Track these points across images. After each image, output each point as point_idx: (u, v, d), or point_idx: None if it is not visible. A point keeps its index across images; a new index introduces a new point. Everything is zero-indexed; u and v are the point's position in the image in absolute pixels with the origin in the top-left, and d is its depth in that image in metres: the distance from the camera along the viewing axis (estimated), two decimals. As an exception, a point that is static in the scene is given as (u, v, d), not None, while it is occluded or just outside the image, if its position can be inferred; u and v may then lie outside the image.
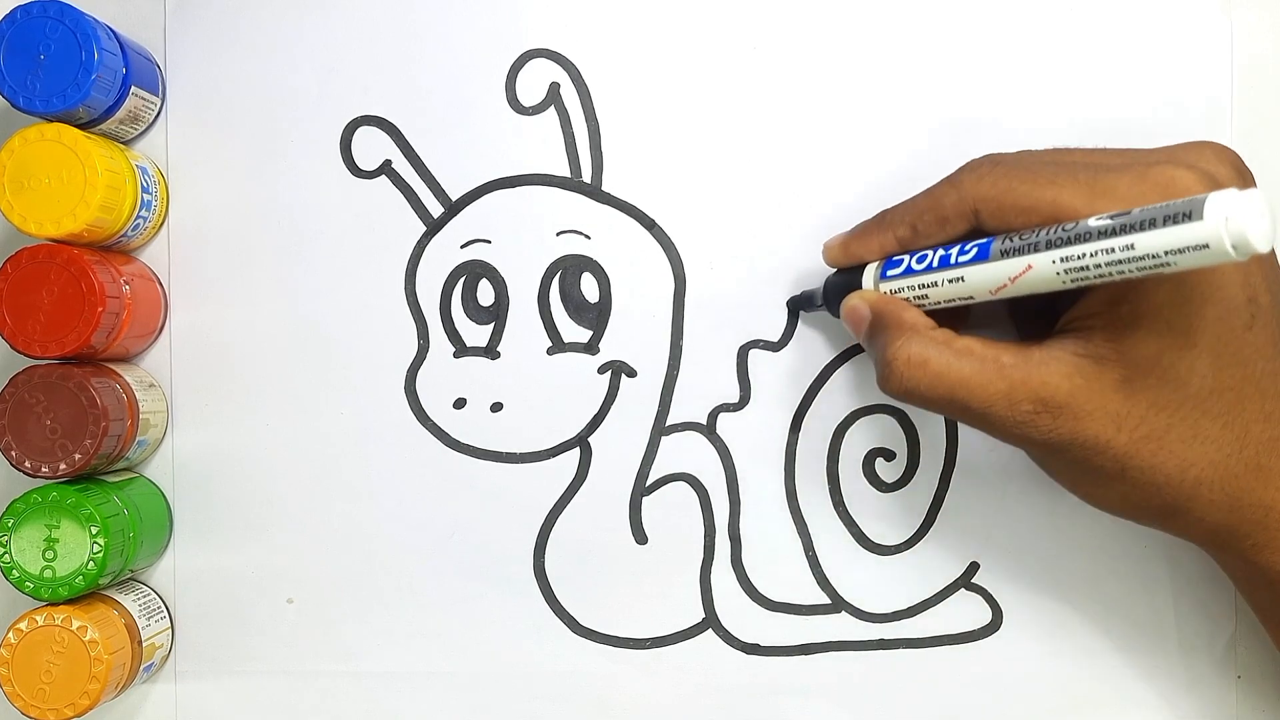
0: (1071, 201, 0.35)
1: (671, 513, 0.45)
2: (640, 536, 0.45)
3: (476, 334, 0.45)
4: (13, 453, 0.41)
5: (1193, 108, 0.44)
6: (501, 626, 0.45)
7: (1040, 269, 0.34)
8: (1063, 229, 0.34)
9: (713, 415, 0.45)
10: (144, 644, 0.43)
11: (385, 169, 0.45)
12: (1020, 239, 0.35)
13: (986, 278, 0.36)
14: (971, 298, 0.37)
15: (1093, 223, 0.33)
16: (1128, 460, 0.36)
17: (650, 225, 0.45)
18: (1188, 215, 0.30)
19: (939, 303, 0.38)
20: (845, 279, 0.41)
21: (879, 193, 0.44)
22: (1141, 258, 0.32)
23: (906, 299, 0.39)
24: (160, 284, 0.45)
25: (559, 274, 0.45)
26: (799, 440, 0.45)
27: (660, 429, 0.45)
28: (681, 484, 0.45)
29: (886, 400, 0.44)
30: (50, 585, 0.41)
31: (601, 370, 0.45)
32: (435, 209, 0.45)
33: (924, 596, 0.44)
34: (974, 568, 0.44)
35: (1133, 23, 0.44)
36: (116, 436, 0.42)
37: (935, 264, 0.38)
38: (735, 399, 0.45)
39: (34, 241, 0.41)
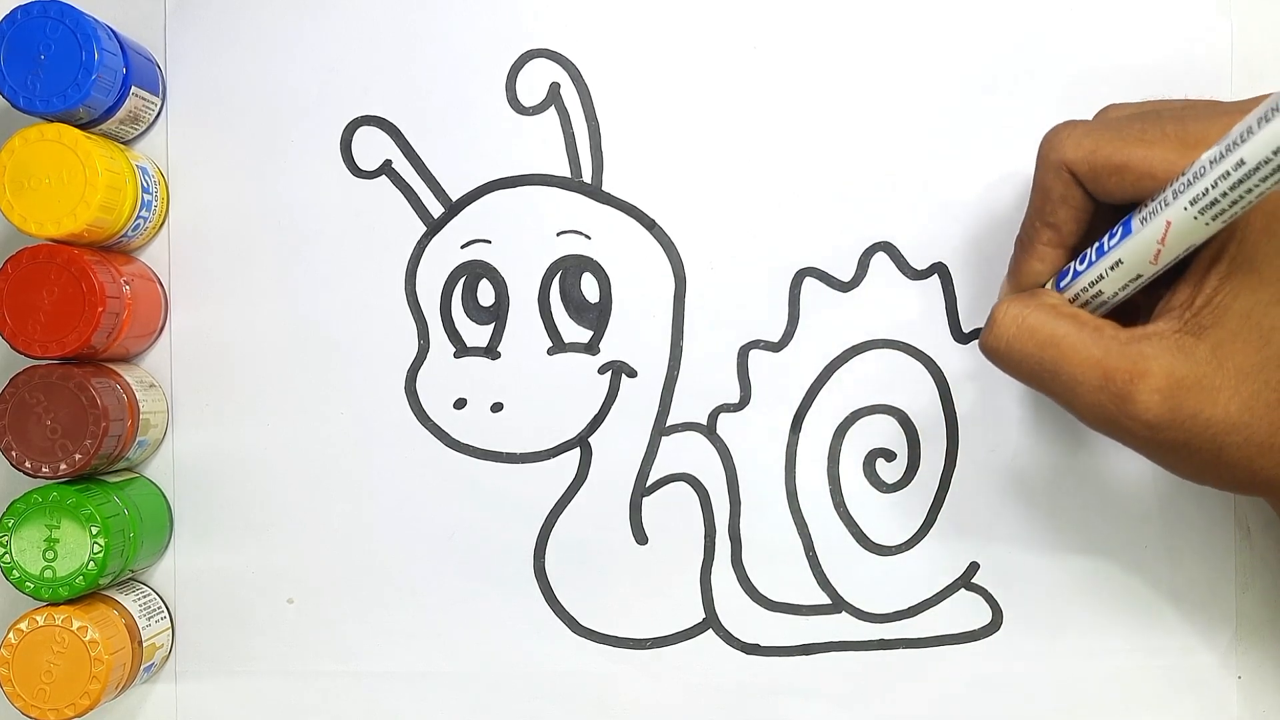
0: (1165, 155, 0.35)
1: (672, 513, 0.45)
2: (640, 536, 0.45)
3: (477, 334, 0.45)
4: (13, 453, 0.41)
5: (1193, 108, 0.44)
6: (501, 626, 0.45)
7: (1179, 221, 0.34)
8: (1183, 176, 0.34)
9: (713, 415, 0.45)
10: (144, 644, 0.43)
11: (385, 169, 0.45)
12: (1153, 201, 0.35)
13: (1139, 249, 0.36)
14: (1139, 275, 0.36)
15: (1204, 156, 0.33)
16: (1226, 435, 0.34)
17: (650, 225, 0.45)
18: (1277, 109, 0.31)
19: (1116, 294, 0.37)
20: None
21: (879, 192, 0.44)
22: (1255, 168, 0.32)
23: (1086, 303, 0.38)
24: (160, 284, 0.45)
25: (559, 274, 0.45)
26: (799, 440, 0.45)
27: (660, 429, 0.45)
28: (682, 484, 0.45)
29: (887, 400, 0.44)
30: (50, 585, 0.41)
31: (602, 370, 0.45)
32: (435, 209, 0.45)
33: (924, 596, 0.44)
34: (974, 568, 0.44)
35: (1133, 23, 0.44)
36: (116, 436, 0.42)
37: (1094, 257, 0.37)
38: (735, 399, 0.45)
39: (34, 241, 0.41)
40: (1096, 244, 0.38)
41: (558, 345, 0.45)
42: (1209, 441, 0.35)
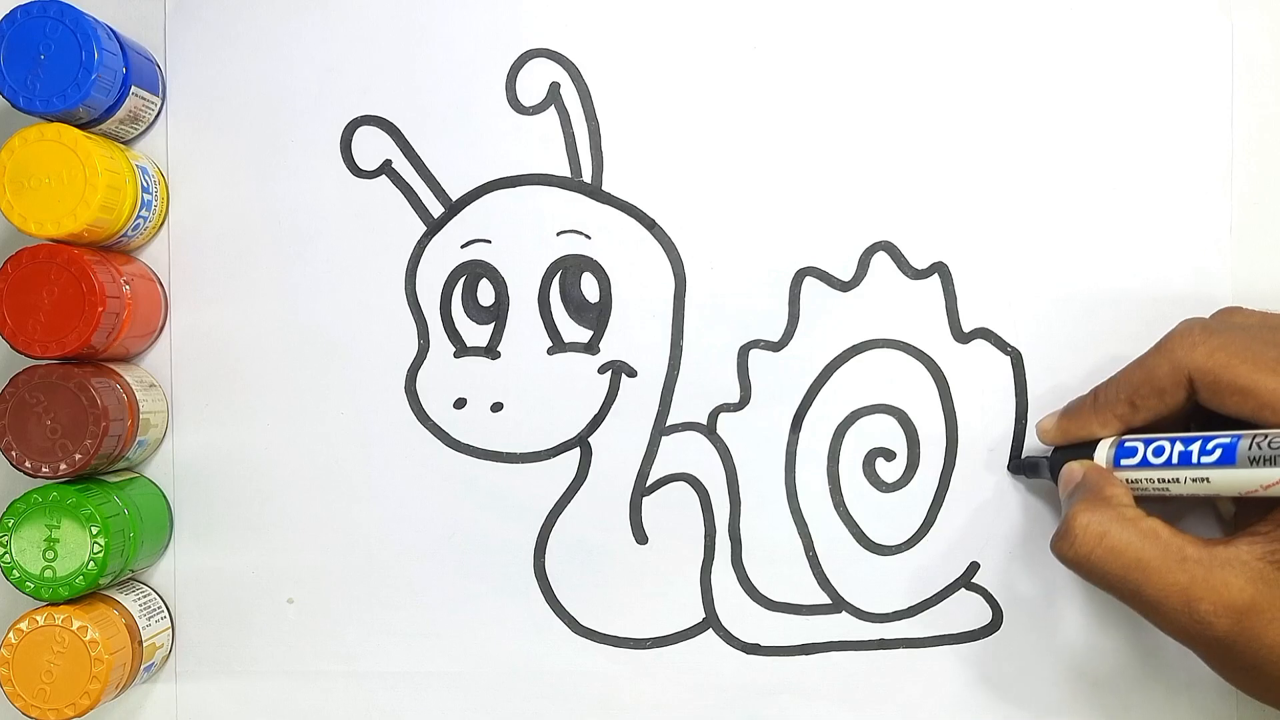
0: None
1: (672, 513, 0.45)
2: (640, 536, 0.45)
3: (477, 334, 0.45)
4: (13, 453, 0.41)
5: (1193, 108, 0.44)
6: (501, 626, 0.45)
7: None
8: None
9: (713, 415, 0.45)
10: (144, 644, 0.43)
11: (385, 169, 0.45)
12: (1270, 446, 0.35)
13: (1235, 482, 0.36)
14: (1219, 495, 0.37)
15: None
16: None
17: (650, 225, 0.45)
18: None
19: (1183, 495, 0.38)
20: (1074, 454, 0.41)
21: (879, 192, 0.44)
22: None
23: (1145, 490, 0.38)
24: (160, 284, 0.45)
25: (559, 274, 0.45)
26: (799, 440, 0.45)
27: (660, 429, 0.45)
28: (682, 484, 0.45)
29: (887, 400, 0.44)
30: (50, 585, 0.41)
31: (602, 370, 0.45)
32: (435, 209, 0.45)
33: (924, 596, 0.44)
34: (974, 568, 0.44)
35: (1133, 23, 0.44)
36: (117, 436, 0.42)
37: (1175, 459, 0.37)
38: (735, 399, 0.45)
39: (34, 241, 0.41)
40: (1178, 443, 0.37)
41: (558, 345, 0.45)
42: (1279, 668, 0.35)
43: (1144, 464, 0.38)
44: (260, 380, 0.45)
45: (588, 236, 0.45)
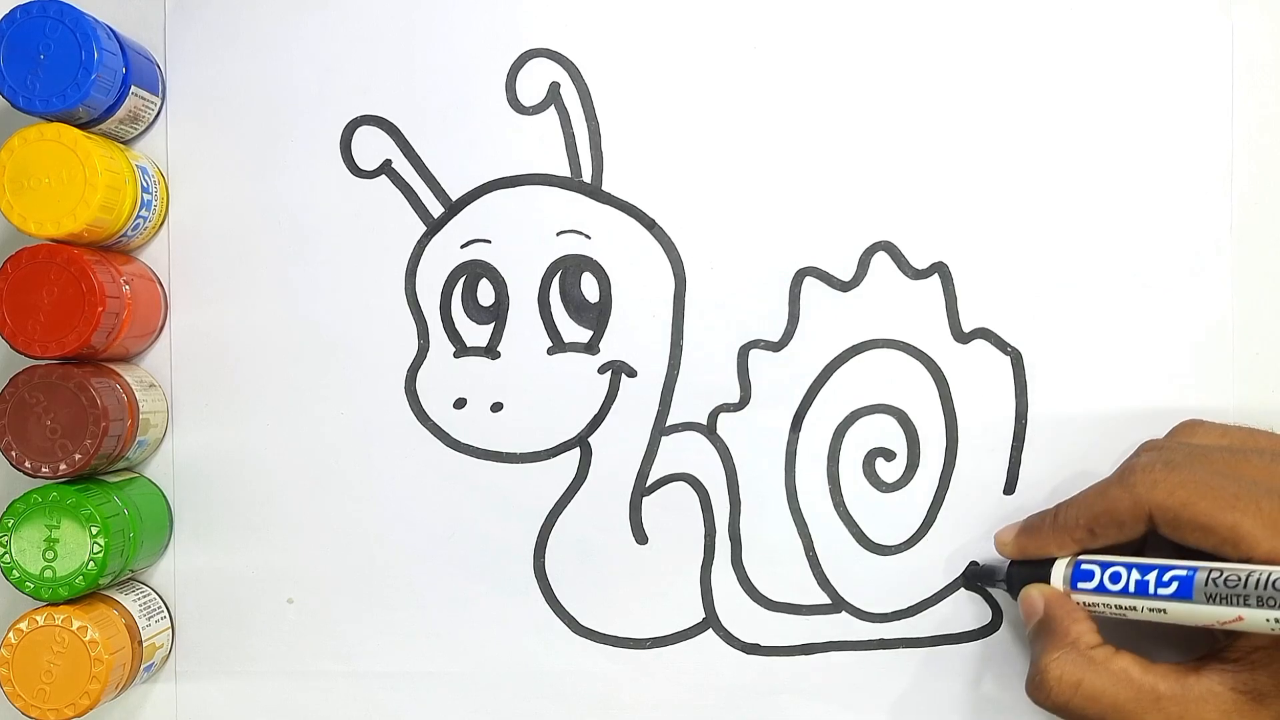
0: (1253, 532, 0.35)
1: (671, 513, 0.45)
2: (640, 536, 0.45)
3: (476, 334, 0.45)
4: (13, 453, 0.41)
5: (1193, 108, 0.44)
6: (501, 626, 0.45)
7: (1252, 621, 0.35)
8: (1275, 585, 0.34)
9: (713, 415, 0.45)
10: (144, 644, 0.43)
11: (385, 169, 0.45)
12: (1227, 586, 0.35)
13: (1193, 616, 0.36)
14: (1178, 624, 0.37)
15: None
16: None
17: (650, 225, 0.45)
18: None
19: (1139, 622, 0.38)
20: (1031, 570, 0.41)
21: (879, 192, 0.44)
22: None
23: (1101, 613, 0.39)
24: (160, 284, 0.45)
25: (559, 274, 0.45)
26: (799, 440, 0.45)
27: (660, 429, 0.45)
28: (682, 484, 0.45)
29: (887, 400, 0.44)
30: (50, 585, 0.41)
31: (602, 370, 0.45)
32: (435, 209, 0.45)
33: (924, 596, 0.44)
34: (974, 567, 0.44)
35: (1133, 23, 0.44)
36: (116, 436, 0.42)
37: (1132, 588, 0.38)
38: (735, 399, 0.45)
39: (34, 241, 0.41)
40: (1134, 571, 0.38)
41: (558, 345, 0.45)
42: None
43: (1100, 589, 0.39)
44: (260, 380, 0.45)
45: (588, 236, 0.45)
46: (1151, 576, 0.37)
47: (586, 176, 0.45)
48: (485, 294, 0.45)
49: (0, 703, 0.41)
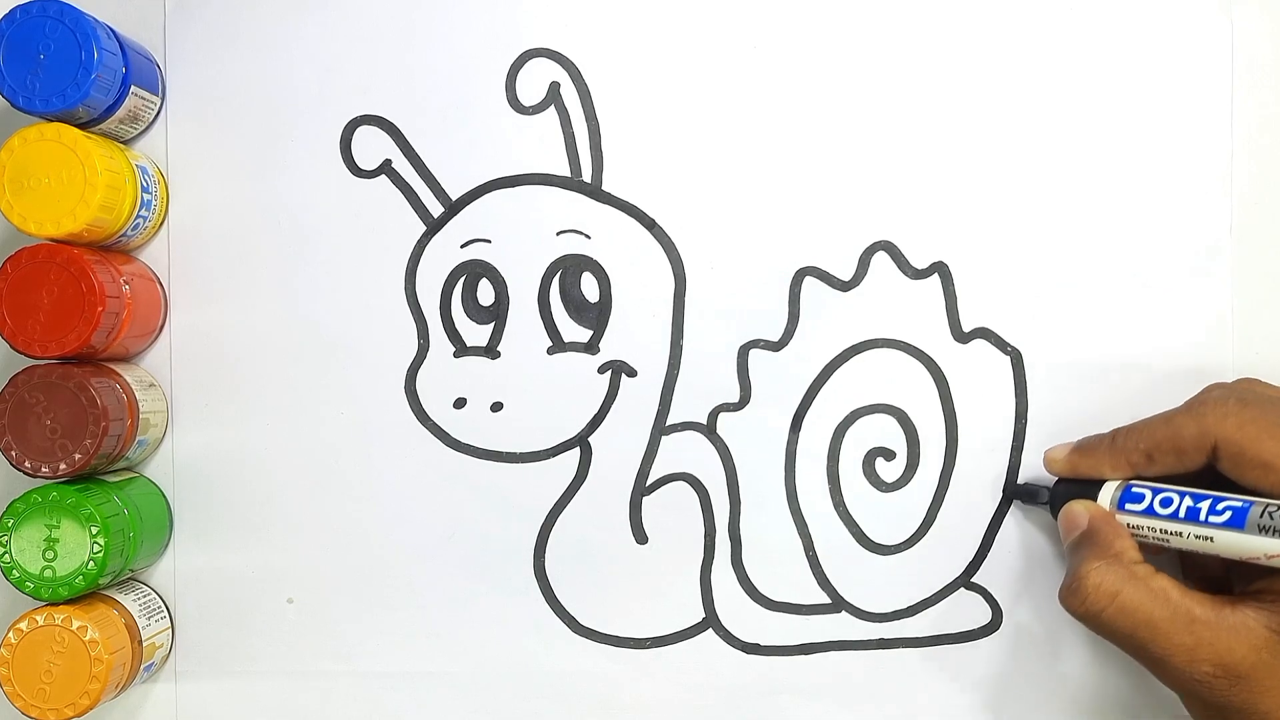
0: None
1: (671, 513, 0.45)
2: (640, 536, 0.45)
3: (476, 334, 0.45)
4: (13, 453, 0.41)
5: (1193, 108, 0.44)
6: (501, 626, 0.45)
7: None
8: None
9: (713, 415, 0.45)
10: (144, 644, 0.43)
11: (385, 169, 0.45)
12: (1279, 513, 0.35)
13: (1240, 547, 0.36)
14: (1218, 555, 0.37)
15: None
16: None
17: (650, 225, 0.45)
18: None
19: (1178, 550, 0.38)
20: (1078, 489, 0.41)
21: (879, 192, 0.44)
22: None
23: (1144, 537, 0.39)
24: (160, 284, 0.45)
25: (559, 274, 0.45)
26: (799, 440, 0.45)
27: (660, 429, 0.45)
28: (681, 484, 0.45)
29: (887, 400, 0.44)
30: (50, 585, 0.41)
31: (601, 370, 0.45)
32: (435, 209, 0.45)
33: (924, 596, 0.44)
34: (974, 567, 0.44)
35: (1133, 23, 0.44)
36: (116, 436, 0.42)
37: (1182, 514, 0.38)
38: (735, 399, 0.45)
39: (34, 241, 0.41)
40: (1186, 498, 0.38)
41: (558, 345, 0.45)
42: None
43: (1149, 512, 0.39)
44: (260, 380, 0.45)
45: (588, 236, 0.45)
46: (1204, 504, 0.37)
47: (586, 176, 0.45)
48: (485, 294, 0.45)
49: (0, 703, 0.41)
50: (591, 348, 0.45)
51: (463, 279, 0.45)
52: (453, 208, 0.45)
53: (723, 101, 0.44)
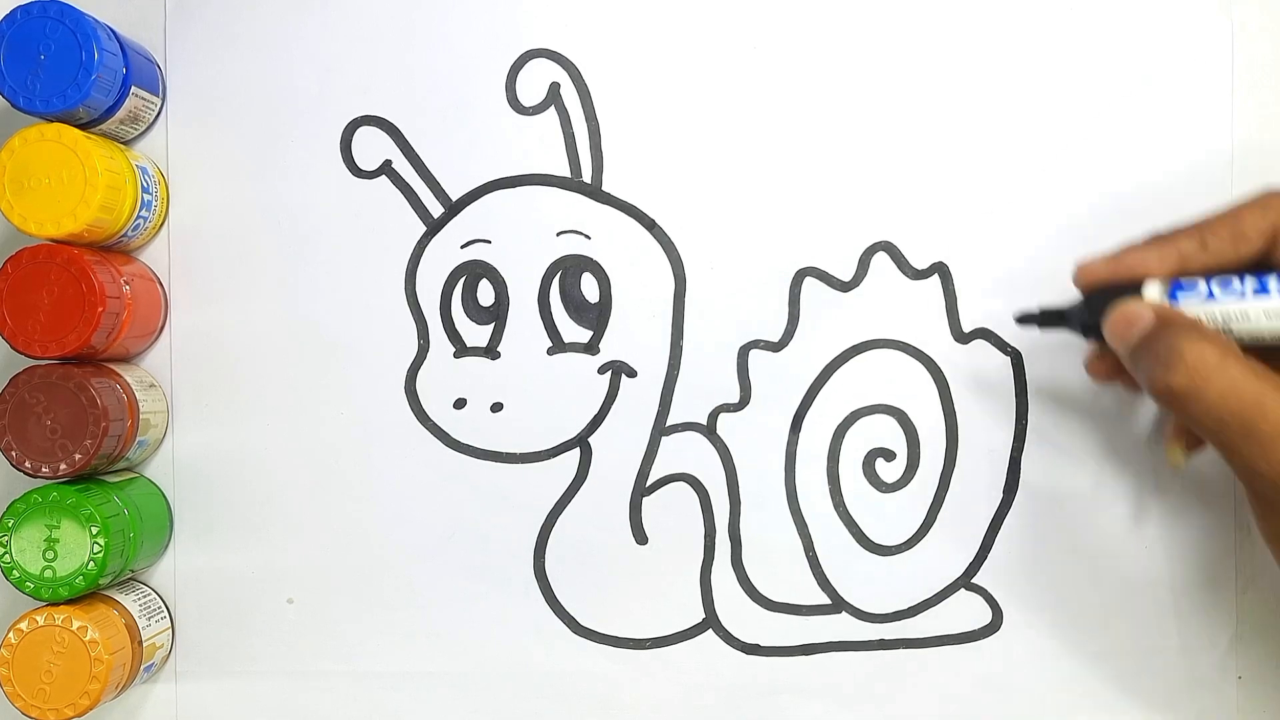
0: None
1: (671, 513, 0.45)
2: (640, 536, 0.45)
3: (476, 334, 0.45)
4: (13, 453, 0.41)
5: (1193, 108, 0.44)
6: (501, 626, 0.45)
7: None
8: None
9: (713, 415, 0.45)
10: (144, 644, 0.43)
11: (385, 169, 0.45)
12: None
13: None
14: None
15: None
16: None
17: (650, 225, 0.45)
18: None
19: (1240, 338, 0.35)
20: (1110, 298, 0.38)
21: (879, 192, 0.44)
22: None
23: None
24: (160, 284, 0.45)
25: (559, 274, 0.45)
26: (799, 440, 0.45)
27: (660, 429, 0.45)
28: (681, 484, 0.45)
29: (887, 400, 0.44)
30: (50, 585, 0.41)
31: (602, 370, 0.45)
32: (435, 209, 0.45)
33: (924, 596, 0.44)
34: (974, 568, 0.44)
35: (1133, 23, 0.44)
36: (116, 436, 0.42)
37: (1248, 292, 0.35)
38: (735, 399, 0.45)
39: (34, 241, 0.41)
40: (1249, 278, 0.36)
41: (558, 345, 0.45)
42: None
43: (1209, 298, 0.36)
44: (260, 380, 0.45)
45: (588, 236, 0.45)
46: (1271, 278, 0.35)
47: (586, 177, 0.45)
48: (485, 294, 0.45)
49: (0, 703, 0.41)
50: (591, 348, 0.45)
51: (463, 279, 0.45)
52: (453, 208, 0.45)
53: (723, 102, 0.44)
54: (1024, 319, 0.41)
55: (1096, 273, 0.39)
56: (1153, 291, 0.37)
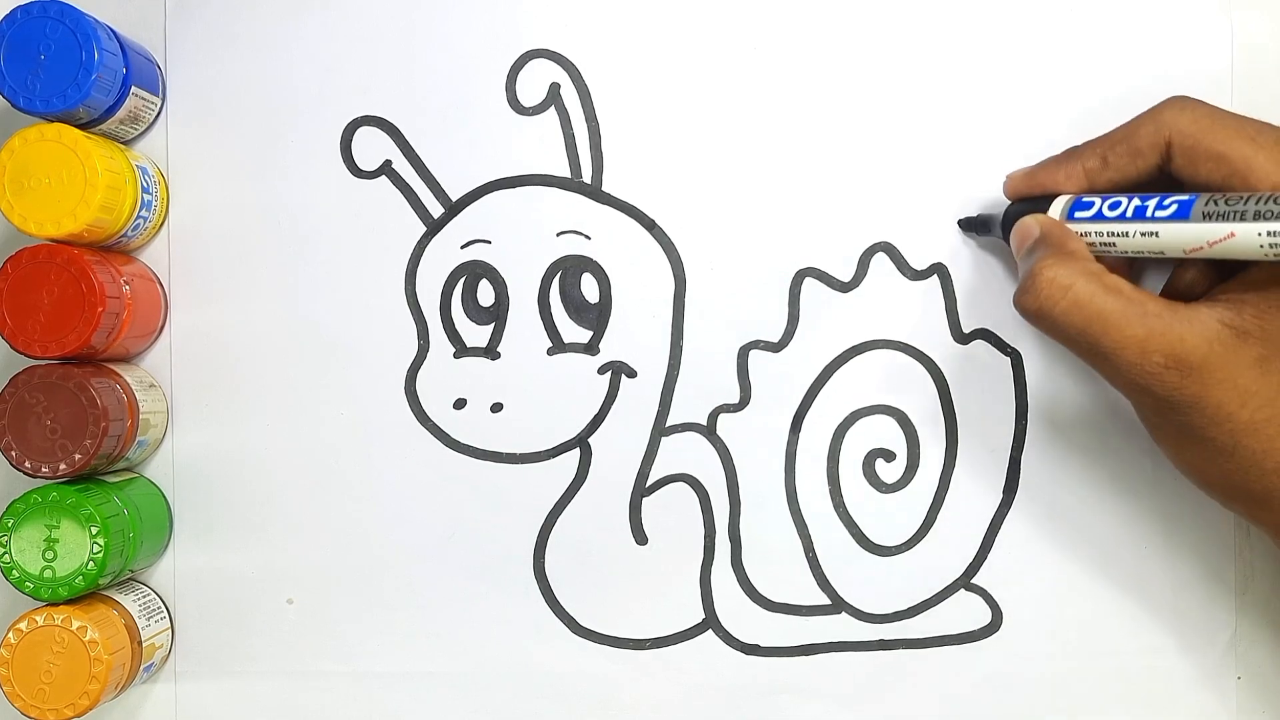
0: (1264, 165, 0.35)
1: (671, 513, 0.45)
2: (640, 537, 0.45)
3: (476, 334, 0.45)
4: (13, 453, 0.41)
5: (1193, 108, 0.44)
6: (501, 626, 0.45)
7: (1244, 238, 0.34)
8: (1275, 200, 0.34)
9: (713, 415, 0.45)
10: (144, 644, 0.43)
11: (385, 169, 0.45)
12: (1226, 204, 0.35)
13: (1183, 237, 0.36)
14: (1161, 253, 0.37)
15: None
16: (1242, 437, 0.36)
17: (650, 225, 0.45)
18: None
19: (1125, 253, 0.38)
20: (1028, 208, 0.41)
21: (879, 192, 0.44)
22: None
23: (1092, 243, 0.38)
24: (160, 284, 0.45)
25: (559, 274, 0.45)
26: (799, 440, 0.45)
27: (660, 429, 0.45)
28: (681, 484, 0.45)
29: (887, 400, 0.44)
30: (50, 585, 0.41)
31: (601, 370, 0.45)
32: (435, 209, 0.45)
33: (924, 596, 0.44)
34: (974, 568, 0.44)
35: (1133, 22, 0.44)
36: (116, 436, 0.42)
37: (1130, 214, 0.37)
38: (735, 399, 0.45)
39: (34, 241, 0.41)
40: (1134, 199, 0.37)
41: (558, 345, 0.45)
42: (1226, 436, 0.36)
43: (1098, 217, 0.38)
44: (260, 380, 0.45)
45: (588, 237, 0.45)
46: (1151, 202, 0.37)
47: (586, 177, 0.45)
48: (485, 294, 0.45)
49: (0, 703, 0.41)
50: (591, 348, 0.45)
51: (463, 280, 0.45)
52: (453, 208, 0.45)
53: (723, 102, 0.44)
54: (963, 223, 0.44)
55: (1014, 184, 0.42)
56: (1057, 208, 0.40)
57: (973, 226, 0.43)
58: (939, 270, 0.44)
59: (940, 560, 0.44)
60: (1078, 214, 0.39)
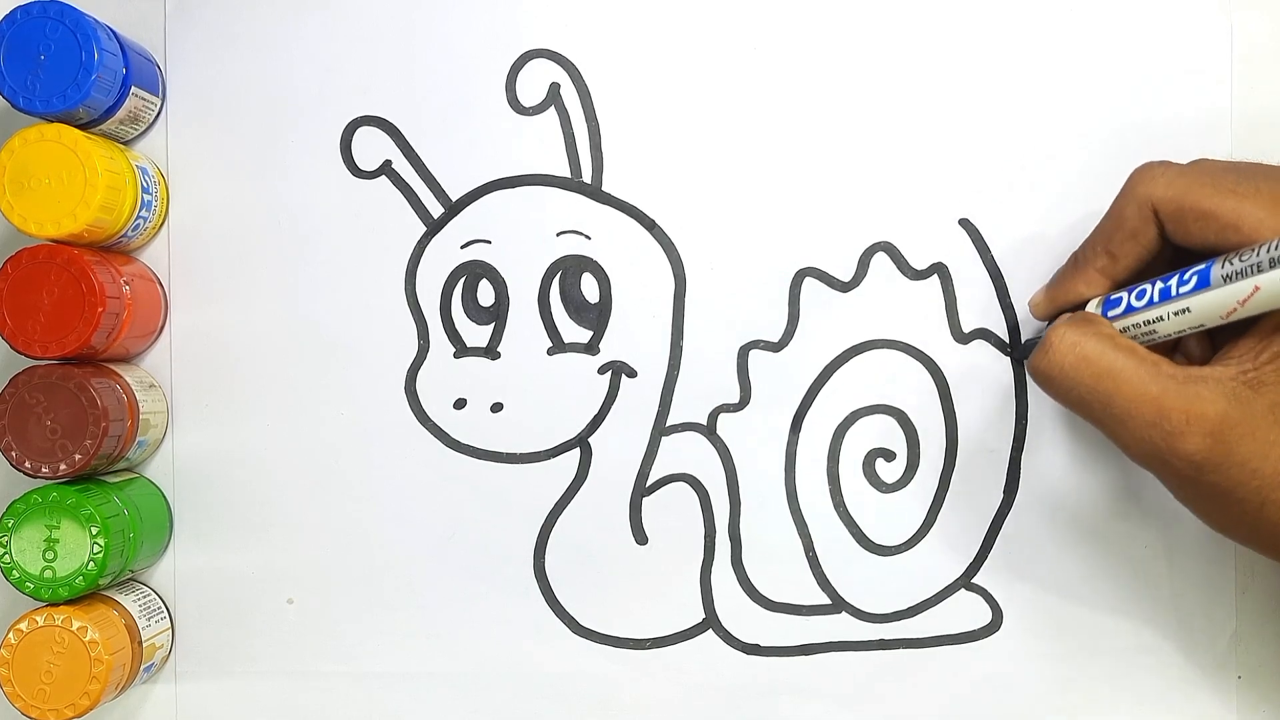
0: (1254, 213, 0.35)
1: (671, 513, 0.45)
2: (640, 536, 0.45)
3: (476, 334, 0.45)
4: (13, 453, 0.41)
5: (1193, 108, 0.44)
6: (501, 626, 0.45)
7: (1269, 288, 0.34)
8: None
9: (713, 415, 0.45)
10: (144, 644, 0.43)
11: (385, 169, 0.45)
12: (1240, 260, 0.35)
13: (1214, 304, 0.36)
14: (1202, 325, 0.37)
15: None
16: (1270, 492, 0.35)
17: (650, 225, 0.45)
18: None
19: (1168, 336, 0.38)
20: None
21: (879, 192, 0.44)
22: None
23: (1134, 337, 0.38)
24: (160, 284, 0.45)
25: (559, 274, 0.45)
26: (799, 440, 0.45)
27: (660, 429, 0.45)
28: (681, 484, 0.45)
29: (887, 400, 0.44)
30: (50, 585, 0.41)
31: (602, 370, 0.45)
32: (435, 209, 0.45)
33: (924, 596, 0.44)
34: (974, 568, 0.44)
35: (1133, 23, 0.44)
36: (116, 437, 0.42)
37: (1156, 298, 0.37)
38: (735, 399, 0.45)
39: (34, 241, 0.41)
40: (1158, 282, 0.38)
41: (558, 345, 0.45)
42: (1253, 494, 0.35)
43: (1129, 310, 0.38)
44: (260, 380, 0.45)
45: (588, 237, 0.45)
46: (1173, 281, 0.37)
47: (586, 177, 0.45)
48: (485, 294, 0.45)
49: (0, 703, 0.41)
50: (591, 348, 0.45)
51: (463, 279, 0.45)
52: (453, 208, 0.45)
53: (723, 103, 0.44)
54: (1020, 351, 0.44)
55: (1040, 309, 0.42)
56: (1091, 310, 0.40)
57: (1027, 354, 0.43)
58: (939, 270, 0.44)
59: (940, 560, 0.44)
60: (1110, 313, 0.39)
